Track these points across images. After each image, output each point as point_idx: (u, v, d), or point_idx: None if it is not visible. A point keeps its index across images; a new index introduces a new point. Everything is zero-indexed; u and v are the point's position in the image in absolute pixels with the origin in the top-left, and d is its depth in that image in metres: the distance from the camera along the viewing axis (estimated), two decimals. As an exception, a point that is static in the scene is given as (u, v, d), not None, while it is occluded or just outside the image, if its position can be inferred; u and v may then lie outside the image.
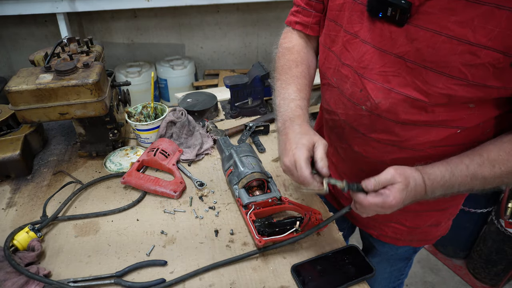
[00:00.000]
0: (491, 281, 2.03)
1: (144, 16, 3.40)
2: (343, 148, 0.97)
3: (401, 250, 1.13)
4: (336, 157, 1.03)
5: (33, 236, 0.88)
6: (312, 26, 0.96)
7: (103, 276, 0.82)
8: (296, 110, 0.85)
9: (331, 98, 0.92)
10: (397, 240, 1.06)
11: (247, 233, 0.93)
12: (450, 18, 0.64)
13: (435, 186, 0.72)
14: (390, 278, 1.24)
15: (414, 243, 1.08)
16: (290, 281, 0.81)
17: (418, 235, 1.04)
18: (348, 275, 0.82)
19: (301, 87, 0.91)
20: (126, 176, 1.08)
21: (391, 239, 1.06)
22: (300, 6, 0.96)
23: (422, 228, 1.02)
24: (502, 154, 0.71)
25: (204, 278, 0.82)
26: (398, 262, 1.19)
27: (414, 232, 1.03)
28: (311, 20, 0.95)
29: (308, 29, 0.97)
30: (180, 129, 1.23)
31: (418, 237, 1.05)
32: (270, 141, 1.31)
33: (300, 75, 0.93)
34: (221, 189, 1.09)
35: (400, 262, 1.19)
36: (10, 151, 1.09)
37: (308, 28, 0.97)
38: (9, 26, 3.18)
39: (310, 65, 0.97)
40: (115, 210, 1.00)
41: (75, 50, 1.16)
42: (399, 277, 1.26)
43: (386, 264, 1.19)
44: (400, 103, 0.75)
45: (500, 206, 1.75)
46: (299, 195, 1.06)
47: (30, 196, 1.06)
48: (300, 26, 0.98)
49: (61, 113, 1.04)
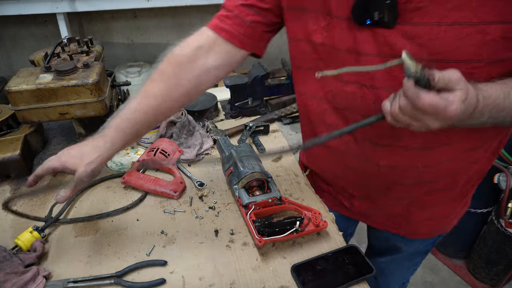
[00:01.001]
0: (491, 281, 2.03)
1: (144, 16, 3.40)
2: (362, 171, 0.89)
3: (422, 245, 1.10)
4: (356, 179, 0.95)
5: (37, 236, 0.88)
6: (240, 38, 0.83)
7: (103, 276, 0.82)
8: (108, 127, 0.79)
9: (339, 119, 0.84)
10: (430, 234, 1.04)
11: (247, 233, 0.93)
12: (446, 6, 0.61)
13: (487, 105, 0.63)
14: (408, 273, 1.23)
15: (434, 233, 1.05)
16: (290, 281, 0.81)
17: (436, 225, 1.02)
18: (348, 275, 0.82)
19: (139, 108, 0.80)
20: (126, 176, 1.08)
21: (424, 234, 1.04)
22: (233, 12, 0.83)
23: (450, 216, 1.01)
24: None
25: (204, 278, 0.82)
26: (417, 256, 1.16)
27: (430, 223, 1.00)
28: (243, 30, 0.83)
29: (236, 39, 0.84)
30: (180, 129, 1.23)
31: (437, 226, 1.03)
32: (270, 141, 1.31)
33: None
34: (221, 189, 1.09)
35: (419, 256, 1.16)
36: (10, 151, 1.09)
37: (237, 39, 0.84)
38: (9, 26, 3.18)
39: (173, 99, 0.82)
40: (117, 211, 1.00)
41: (75, 50, 1.16)
42: (413, 272, 1.25)
43: (405, 260, 1.16)
44: None
45: (500, 206, 1.75)
46: (299, 195, 1.06)
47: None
48: (227, 34, 0.83)
49: (61, 113, 1.04)
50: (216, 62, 0.85)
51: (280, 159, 1.21)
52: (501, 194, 1.74)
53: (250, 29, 0.84)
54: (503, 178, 1.69)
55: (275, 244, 0.90)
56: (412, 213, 0.96)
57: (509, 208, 1.72)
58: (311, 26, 0.78)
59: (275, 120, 1.43)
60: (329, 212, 1.00)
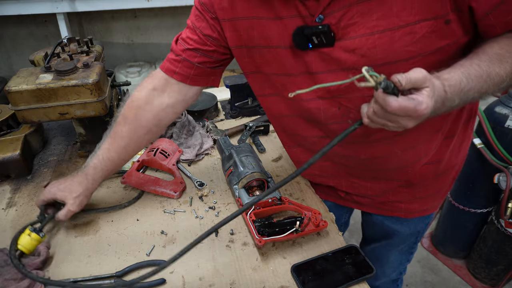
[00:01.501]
0: (491, 281, 2.03)
1: (144, 16, 3.40)
2: (350, 166, 0.96)
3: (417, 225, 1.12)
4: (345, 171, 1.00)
5: (35, 237, 0.85)
6: (192, 77, 0.91)
7: (103, 276, 0.82)
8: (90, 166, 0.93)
9: (312, 130, 0.91)
10: (408, 213, 1.06)
11: (247, 233, 0.93)
12: (373, 17, 0.68)
13: (454, 92, 0.66)
14: (404, 259, 1.24)
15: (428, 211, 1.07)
16: (290, 281, 0.81)
17: (428, 202, 1.05)
18: (348, 275, 0.82)
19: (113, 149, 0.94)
20: (126, 176, 1.08)
21: (401, 212, 1.05)
22: (181, 56, 0.90)
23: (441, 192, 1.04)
24: (505, 47, 0.69)
25: (204, 278, 0.82)
26: (411, 237, 1.17)
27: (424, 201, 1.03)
28: (192, 71, 0.90)
29: (188, 79, 0.92)
30: (180, 129, 1.23)
31: (430, 203, 1.06)
32: (270, 141, 1.31)
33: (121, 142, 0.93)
34: (221, 189, 1.09)
35: (413, 237, 1.17)
36: (10, 151, 1.09)
37: (188, 79, 0.91)
38: (9, 26, 3.18)
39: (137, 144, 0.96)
40: (115, 207, 1.00)
41: (75, 50, 1.16)
42: (409, 256, 1.25)
43: (399, 242, 1.18)
44: None
45: (500, 206, 1.75)
46: (299, 195, 1.06)
47: (30, 196, 1.06)
48: (179, 76, 0.91)
49: (61, 113, 1.04)
50: (171, 100, 0.94)
51: (280, 159, 1.21)
52: (501, 194, 1.74)
53: (200, 69, 0.91)
54: (503, 178, 1.69)
55: (275, 244, 0.90)
56: (403, 192, 0.99)
57: (509, 208, 1.72)
58: (257, 59, 0.85)
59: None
60: (329, 212, 1.00)
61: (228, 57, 0.93)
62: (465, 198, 1.97)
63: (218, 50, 0.89)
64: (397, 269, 1.29)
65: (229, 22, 0.83)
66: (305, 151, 1.00)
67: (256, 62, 0.86)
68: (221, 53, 0.91)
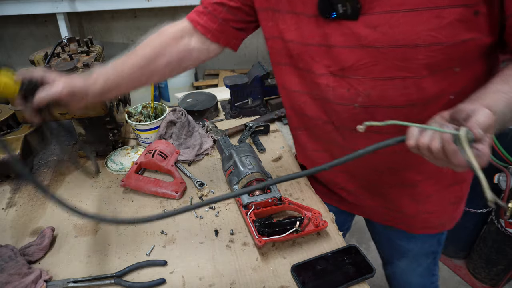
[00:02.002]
0: (491, 281, 2.03)
1: (144, 16, 3.40)
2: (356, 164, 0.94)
3: (426, 244, 1.10)
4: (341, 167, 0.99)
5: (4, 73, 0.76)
6: (214, 32, 0.92)
7: (103, 276, 0.82)
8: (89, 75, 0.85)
9: (318, 109, 0.90)
10: (431, 229, 1.04)
11: (247, 233, 0.93)
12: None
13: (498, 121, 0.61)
14: (425, 280, 1.20)
15: (446, 226, 1.05)
16: (290, 281, 0.81)
17: (446, 216, 1.03)
18: (348, 275, 0.82)
19: (118, 67, 0.88)
20: (125, 179, 1.07)
21: (424, 229, 1.04)
22: (207, 9, 0.91)
23: (446, 208, 1.01)
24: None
25: (204, 278, 0.83)
26: (424, 257, 1.15)
27: (442, 215, 1.01)
28: (216, 26, 0.91)
29: (209, 33, 0.92)
30: (180, 129, 1.23)
31: (447, 217, 1.03)
32: (270, 141, 1.31)
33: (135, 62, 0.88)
34: (221, 189, 1.09)
35: (427, 258, 1.15)
36: (10, 151, 1.09)
37: (210, 33, 0.92)
38: (9, 26, 3.18)
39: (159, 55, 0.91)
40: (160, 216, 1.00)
41: (75, 50, 1.16)
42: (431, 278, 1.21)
43: (415, 264, 1.15)
44: (389, 87, 0.75)
45: (500, 206, 1.75)
46: (299, 195, 1.06)
47: (30, 196, 1.06)
48: (202, 28, 0.92)
49: (61, 113, 1.04)
50: (197, 45, 0.93)
51: (280, 159, 1.21)
52: (501, 194, 1.74)
53: (222, 26, 0.92)
54: (503, 178, 1.69)
55: (275, 244, 0.90)
56: (406, 205, 0.97)
57: (509, 208, 1.72)
58: (281, 25, 0.84)
59: (275, 120, 1.43)
60: (329, 212, 1.00)
61: (252, 20, 0.93)
62: (465, 198, 1.97)
63: (243, 8, 0.89)
64: None
65: None
66: (310, 137, 1.00)
67: (279, 28, 0.84)
68: (245, 13, 0.91)
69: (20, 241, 0.92)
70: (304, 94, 0.91)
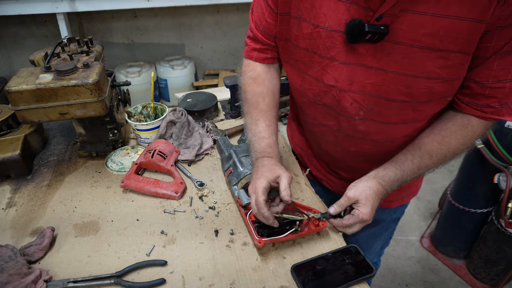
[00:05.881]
0: (491, 281, 2.03)
1: (144, 16, 3.40)
2: (337, 151, 1.02)
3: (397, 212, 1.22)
4: (329, 158, 1.08)
5: None
6: (269, 59, 1.01)
7: (103, 276, 0.82)
8: (266, 149, 0.95)
9: (317, 113, 0.96)
10: (390, 203, 1.15)
11: (247, 233, 0.93)
12: (419, 31, 0.71)
13: (390, 184, 0.86)
14: (385, 243, 1.35)
15: (404, 199, 1.18)
16: (290, 281, 0.82)
17: (405, 191, 1.14)
18: (348, 275, 0.82)
19: (270, 122, 0.99)
20: (125, 180, 1.07)
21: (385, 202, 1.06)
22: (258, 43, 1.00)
23: None
24: (436, 145, 0.85)
25: (204, 278, 0.82)
26: (392, 223, 1.28)
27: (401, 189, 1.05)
28: (268, 55, 1.00)
29: (266, 61, 1.01)
30: (180, 129, 1.23)
31: (406, 192, 1.15)
32: (270, 141, 1.31)
33: (268, 109, 1.00)
34: (221, 189, 1.09)
35: (394, 223, 1.28)
36: (10, 151, 1.09)
37: (266, 60, 1.01)
38: (9, 26, 3.18)
39: (275, 92, 1.03)
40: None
41: (75, 50, 1.16)
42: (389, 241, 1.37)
43: (382, 230, 1.27)
44: (389, 107, 0.83)
45: (500, 206, 1.75)
46: (299, 195, 1.06)
47: (30, 196, 1.06)
48: (260, 60, 1.02)
49: (61, 113, 1.04)
50: (276, 73, 1.06)
51: (280, 159, 1.21)
52: (501, 194, 1.74)
53: None
54: (503, 178, 1.69)
55: (275, 244, 0.90)
56: None
57: (509, 208, 1.72)
58: (295, 31, 0.87)
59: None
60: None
61: None
62: (465, 198, 1.97)
63: None
64: (378, 254, 1.38)
65: None
66: (301, 134, 1.12)
67: (292, 33, 0.87)
68: None
69: (20, 241, 0.92)
70: (304, 96, 0.97)
